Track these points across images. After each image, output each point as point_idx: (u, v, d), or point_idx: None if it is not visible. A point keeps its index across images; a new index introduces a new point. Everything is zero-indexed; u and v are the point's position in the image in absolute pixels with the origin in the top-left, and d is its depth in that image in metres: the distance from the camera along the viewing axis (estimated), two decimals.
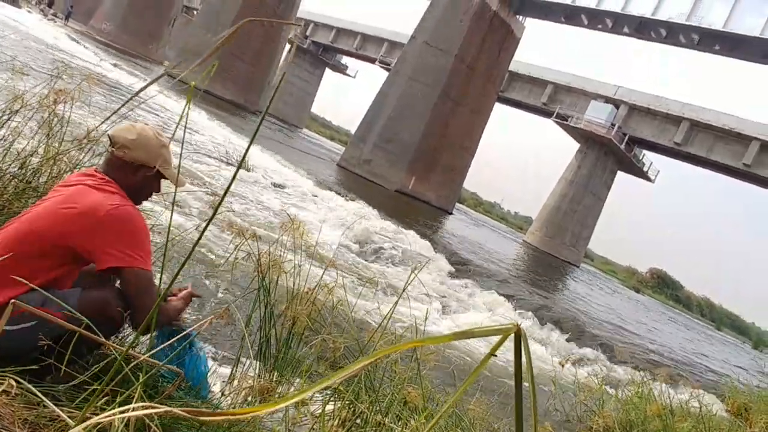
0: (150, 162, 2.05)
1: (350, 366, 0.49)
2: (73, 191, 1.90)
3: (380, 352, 0.50)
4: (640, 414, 4.68)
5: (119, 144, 2.01)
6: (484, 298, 9.97)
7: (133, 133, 2.03)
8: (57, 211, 1.84)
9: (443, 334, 0.50)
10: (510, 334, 0.45)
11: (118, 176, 2.00)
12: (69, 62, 17.96)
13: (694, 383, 8.95)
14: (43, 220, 1.83)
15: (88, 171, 2.06)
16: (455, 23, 25.88)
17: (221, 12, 36.07)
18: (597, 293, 22.97)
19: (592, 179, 37.30)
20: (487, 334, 0.46)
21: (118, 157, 2.00)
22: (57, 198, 1.89)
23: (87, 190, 1.90)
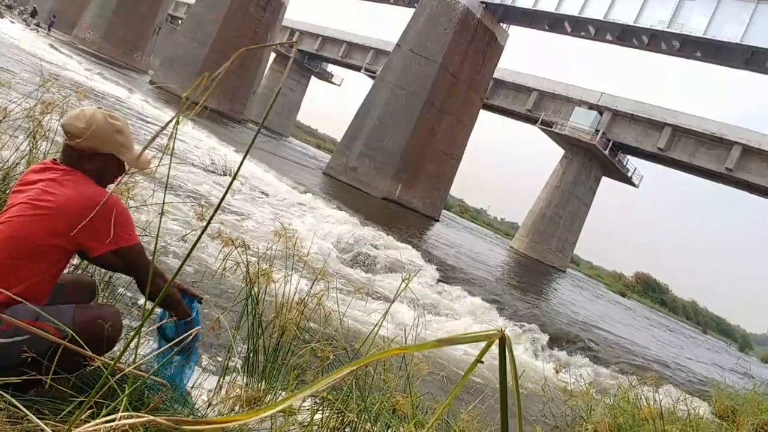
0: (103, 149, 1.98)
1: (334, 373, 0.48)
2: (41, 190, 1.83)
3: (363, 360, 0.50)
4: (629, 418, 4.70)
5: (70, 133, 1.93)
6: (471, 305, 9.98)
7: (83, 121, 1.93)
8: (31, 213, 1.80)
9: (427, 342, 0.50)
10: (495, 340, 0.45)
11: (74, 163, 1.93)
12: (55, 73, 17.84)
13: (681, 386, 9.01)
14: (22, 225, 1.79)
15: (46, 164, 1.96)
16: (439, 31, 26.01)
17: (205, 21, 36.03)
18: (583, 298, 23.09)
19: (577, 185, 37.56)
20: (471, 340, 0.46)
21: (71, 146, 1.93)
22: (27, 199, 1.83)
23: (53, 186, 1.85)
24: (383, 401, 2.85)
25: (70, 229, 1.79)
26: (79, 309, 1.89)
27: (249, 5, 36.48)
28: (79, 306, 1.91)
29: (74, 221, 1.79)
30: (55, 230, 1.80)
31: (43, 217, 1.80)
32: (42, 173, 1.91)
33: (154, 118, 18.10)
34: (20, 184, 1.95)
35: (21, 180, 1.98)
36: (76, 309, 1.88)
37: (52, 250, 1.83)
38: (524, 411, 5.38)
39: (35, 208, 1.80)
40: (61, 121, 2.02)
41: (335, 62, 56.07)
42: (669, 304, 69.20)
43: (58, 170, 1.91)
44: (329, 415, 2.66)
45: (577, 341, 9.97)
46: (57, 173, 1.89)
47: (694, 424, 4.87)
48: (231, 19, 35.84)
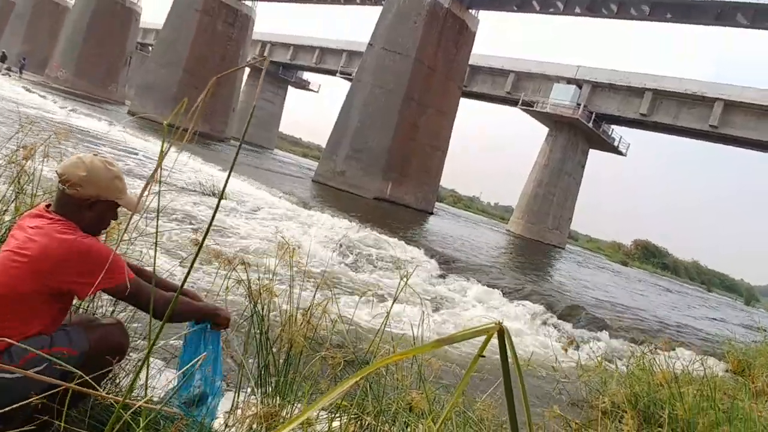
0: (104, 196, 1.98)
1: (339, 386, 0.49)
2: (27, 238, 1.84)
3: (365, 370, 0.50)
4: (645, 386, 4.72)
5: (70, 182, 1.92)
6: (475, 293, 10.00)
7: (83, 169, 1.93)
8: (15, 262, 1.81)
9: (426, 344, 0.51)
10: (494, 333, 0.46)
11: (71, 213, 1.94)
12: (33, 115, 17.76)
13: (693, 347, 9.04)
14: (9, 275, 1.80)
15: (39, 210, 1.97)
16: (410, 26, 26.02)
17: (175, 44, 35.93)
18: (585, 272, 23.16)
19: (566, 161, 37.64)
20: (470, 336, 0.46)
21: (70, 195, 1.93)
22: (13, 247, 1.84)
23: (38, 234, 1.85)
24: (398, 400, 2.86)
25: (51, 276, 1.81)
26: (90, 328, 1.99)
27: (216, 23, 36.41)
28: (88, 326, 2.00)
29: (53, 268, 1.81)
30: (37, 279, 1.81)
31: (23, 265, 1.81)
32: (33, 220, 1.92)
33: (140, 149, 18.05)
34: (15, 228, 1.97)
35: (17, 224, 1.99)
36: (87, 330, 1.97)
37: (43, 295, 1.84)
38: (539, 392, 5.40)
39: (18, 256, 1.82)
40: (57, 169, 1.98)
41: (310, 69, 55.99)
42: (671, 268, 69.44)
43: (47, 218, 1.90)
44: (347, 422, 2.67)
45: (585, 315, 10.01)
46: (45, 221, 1.89)
47: (711, 383, 4.90)
48: (200, 40, 35.77)
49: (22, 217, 2.02)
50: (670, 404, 4.14)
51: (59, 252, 1.81)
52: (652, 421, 4.26)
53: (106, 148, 15.79)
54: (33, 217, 1.94)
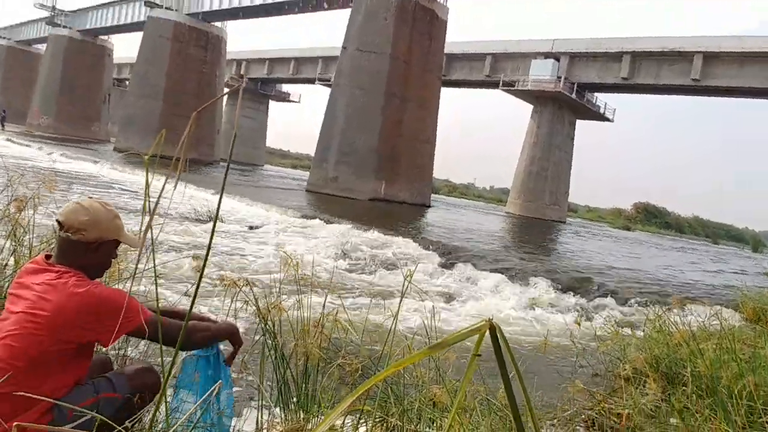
0: (107, 236, 2.01)
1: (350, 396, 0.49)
2: (38, 296, 1.85)
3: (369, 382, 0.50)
4: (663, 347, 4.72)
5: (74, 228, 1.94)
6: (483, 280, 9.99)
7: (84, 213, 1.96)
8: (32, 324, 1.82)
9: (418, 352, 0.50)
10: (485, 331, 0.46)
11: (76, 259, 1.95)
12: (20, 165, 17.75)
13: (706, 301, 9.05)
14: (29, 338, 1.81)
15: (39, 263, 1.97)
16: (380, 23, 26.00)
17: (151, 75, 35.91)
18: (588, 242, 23.17)
19: (554, 135, 37.64)
20: (461, 338, 0.46)
21: (75, 241, 1.94)
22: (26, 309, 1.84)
23: (49, 291, 1.86)
24: (420, 398, 2.86)
25: (72, 332, 1.84)
26: (127, 373, 2.16)
27: (189, 48, 36.40)
28: (124, 372, 2.18)
29: (74, 325, 1.83)
30: (59, 336, 1.83)
31: (42, 326, 1.82)
32: (36, 275, 1.92)
33: (132, 183, 18.03)
34: (17, 286, 1.95)
35: (17, 281, 1.98)
36: (126, 375, 2.14)
37: (69, 350, 1.87)
38: (560, 369, 5.40)
39: (34, 317, 1.82)
40: (58, 218, 1.98)
41: (288, 81, 55.99)
42: (674, 226, 69.42)
43: (53, 271, 1.92)
44: (372, 426, 2.67)
45: (595, 286, 10.01)
46: (51, 275, 1.90)
47: (729, 335, 4.90)
48: (175, 66, 35.76)
49: (21, 273, 2.01)
50: (691, 362, 4.15)
51: (77, 308, 1.83)
52: (676, 381, 4.26)
53: (97, 188, 15.78)
54: (35, 272, 1.94)
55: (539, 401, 3.73)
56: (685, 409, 3.75)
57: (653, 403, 3.95)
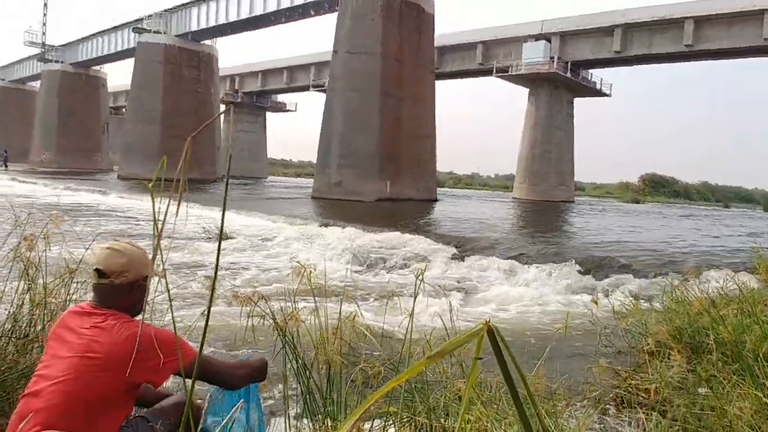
0: (144, 273, 2.07)
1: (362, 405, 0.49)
2: (90, 340, 1.90)
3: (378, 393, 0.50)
4: (684, 317, 4.70)
5: (115, 273, 1.99)
6: (497, 268, 9.97)
7: (120, 257, 2.01)
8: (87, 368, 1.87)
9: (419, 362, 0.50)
10: (483, 334, 0.45)
11: (120, 302, 2.00)
12: (26, 203, 17.88)
13: (722, 267, 9.00)
14: (84, 383, 1.85)
15: (83, 307, 2.03)
16: (368, 24, 25.98)
17: (147, 100, 36.08)
18: (599, 219, 23.08)
19: (553, 116, 37.50)
20: (460, 344, 0.46)
21: (119, 284, 2.00)
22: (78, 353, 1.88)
23: (100, 334, 1.91)
24: (445, 393, 2.86)
25: (127, 372, 1.89)
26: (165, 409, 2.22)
27: (181, 69, 36.54)
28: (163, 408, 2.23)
29: (127, 366, 1.88)
30: (114, 378, 1.89)
31: (97, 369, 1.87)
32: (81, 319, 1.97)
33: (140, 210, 18.12)
34: (62, 330, 1.99)
35: (61, 325, 2.02)
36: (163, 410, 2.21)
37: (121, 391, 1.92)
38: (582, 350, 5.37)
39: (89, 360, 1.87)
40: (96, 266, 2.02)
41: (283, 90, 56.07)
42: (683, 194, 69.01)
43: (99, 315, 1.97)
44: (400, 427, 2.67)
45: (609, 262, 9.97)
46: (98, 318, 1.96)
47: (749, 299, 4.87)
48: (170, 89, 35.90)
49: (65, 318, 2.05)
50: (713, 330, 4.12)
51: (130, 349, 1.87)
52: (700, 350, 4.24)
53: (105, 218, 15.87)
54: (80, 316, 1.99)
55: (565, 384, 3.72)
56: (712, 377, 3.73)
57: (680, 374, 3.93)
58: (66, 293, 3.55)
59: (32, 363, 3.04)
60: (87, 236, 9.90)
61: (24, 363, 3.04)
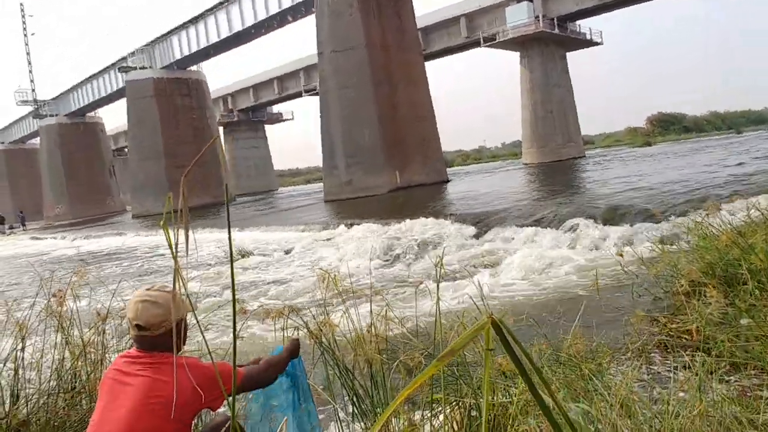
0: (181, 315, 2.11)
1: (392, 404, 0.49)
2: (150, 379, 1.95)
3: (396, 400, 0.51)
4: (713, 252, 4.65)
5: (155, 325, 2.01)
6: (519, 238, 9.94)
7: (156, 308, 2.02)
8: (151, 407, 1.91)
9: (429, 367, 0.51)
10: (488, 326, 0.46)
11: (162, 345, 2.03)
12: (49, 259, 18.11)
13: (743, 195, 8.87)
14: (147, 421, 1.91)
15: (131, 354, 2.06)
16: (347, 18, 25.90)
17: (146, 135, 36.35)
18: (611, 169, 22.88)
19: (549, 75, 37.14)
20: (467, 340, 0.46)
21: (160, 333, 2.02)
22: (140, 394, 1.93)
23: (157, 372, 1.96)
24: None
25: (191, 406, 1.97)
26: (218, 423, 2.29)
27: (174, 99, 36.71)
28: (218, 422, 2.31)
29: (192, 400, 1.95)
30: (179, 415, 1.93)
31: (164, 407, 1.91)
32: (133, 365, 2.01)
33: (158, 245, 18.28)
34: (115, 376, 2.03)
35: (113, 372, 2.06)
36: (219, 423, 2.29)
37: (185, 425, 1.99)
38: (617, 304, 5.34)
39: (153, 399, 1.92)
40: (136, 322, 2.04)
41: (276, 101, 56.08)
42: (693, 128, 68.17)
43: (148, 358, 2.01)
44: (450, 411, 2.69)
45: (629, 212, 9.89)
46: (149, 362, 2.00)
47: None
48: (166, 121, 36.11)
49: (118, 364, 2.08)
50: (744, 260, 4.08)
51: (192, 385, 1.93)
52: (734, 282, 4.19)
53: (130, 259, 16.04)
54: (130, 363, 2.03)
55: (605, 340, 3.71)
56: (751, 307, 3.70)
57: (719, 310, 3.90)
58: (102, 340, 3.60)
59: (83, 415, 3.11)
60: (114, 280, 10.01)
61: (75, 416, 3.10)
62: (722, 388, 2.84)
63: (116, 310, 4.01)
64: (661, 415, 2.48)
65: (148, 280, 10.92)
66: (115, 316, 3.98)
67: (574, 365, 2.98)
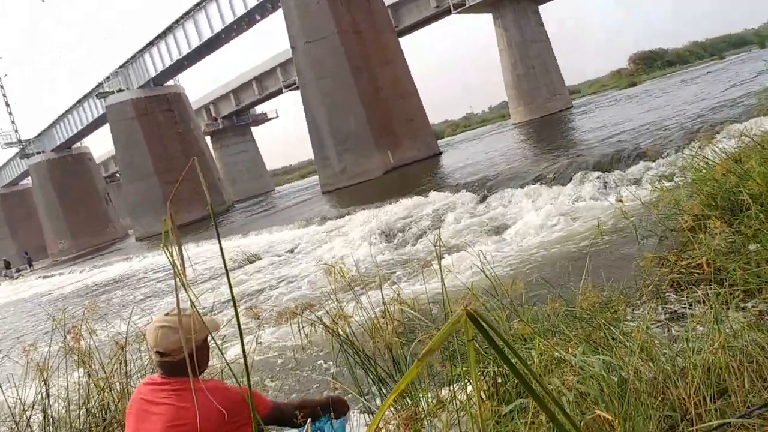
0: (203, 337, 2.09)
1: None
2: (175, 407, 1.94)
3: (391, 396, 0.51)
4: (711, 183, 4.64)
5: (175, 350, 1.99)
6: (520, 198, 9.93)
7: (174, 333, 2.00)
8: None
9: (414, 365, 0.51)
10: (464, 318, 0.46)
11: (185, 370, 1.99)
12: (59, 296, 18.16)
13: (733, 121, 8.83)
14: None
15: (155, 380, 2.05)
16: (315, 8, 25.68)
17: (135, 157, 36.24)
18: (598, 116, 22.80)
19: (524, 31, 36.85)
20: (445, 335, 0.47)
21: (182, 358, 1.98)
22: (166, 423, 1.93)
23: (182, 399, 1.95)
24: (508, 337, 2.88)
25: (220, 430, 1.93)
26: None
27: (156, 117, 36.51)
28: None
29: (219, 423, 1.92)
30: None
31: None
32: (158, 391, 2.00)
33: (164, 264, 18.31)
34: (143, 404, 2.02)
35: (139, 399, 2.05)
36: None
37: None
38: (625, 251, 5.34)
39: (179, 427, 1.92)
40: (156, 349, 2.02)
41: (258, 102, 55.77)
42: (676, 61, 67.70)
43: (173, 384, 1.99)
44: (478, 382, 2.70)
45: (623, 156, 9.85)
46: (174, 387, 1.98)
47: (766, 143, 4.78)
48: (152, 139, 35.95)
49: (138, 395, 2.08)
50: (743, 186, 4.07)
51: (218, 409, 1.91)
52: (737, 209, 4.19)
53: (140, 283, 16.08)
54: (155, 390, 2.02)
55: (618, 288, 3.72)
56: (757, 232, 3.70)
57: (726, 240, 3.90)
58: (125, 369, 3.62)
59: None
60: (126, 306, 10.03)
61: None
62: (739, 317, 2.85)
63: (133, 336, 4.03)
64: (683, 353, 2.49)
65: (160, 302, 10.97)
66: (133, 342, 4.01)
67: (591, 318, 2.99)
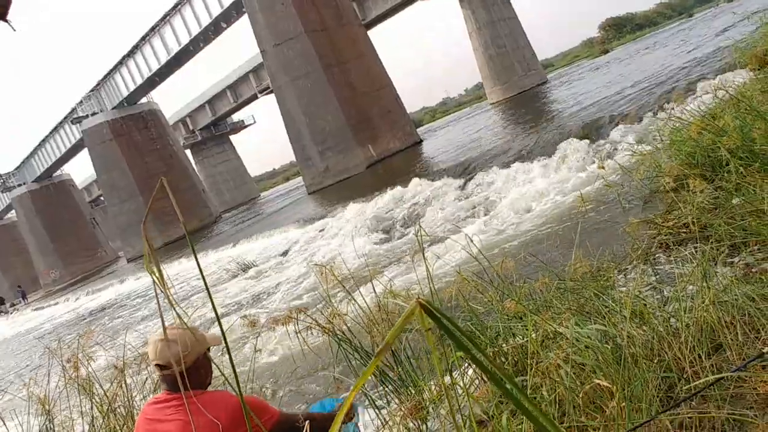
0: (203, 350, 2.08)
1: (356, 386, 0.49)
2: (182, 422, 1.93)
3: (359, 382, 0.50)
4: (691, 144, 4.66)
5: (176, 362, 1.98)
6: (503, 179, 9.95)
7: (175, 344, 1.99)
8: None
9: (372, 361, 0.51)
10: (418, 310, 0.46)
11: (193, 382, 2.00)
12: (54, 326, 18.04)
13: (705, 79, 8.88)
14: None
15: (160, 398, 2.05)
16: (281, 10, 25.53)
17: (117, 178, 36.00)
18: (573, 87, 22.85)
19: (491, 11, 36.87)
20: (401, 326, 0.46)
21: (183, 371, 1.97)
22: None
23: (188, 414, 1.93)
24: (500, 318, 2.89)
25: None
26: None
27: (133, 135, 36.25)
28: None
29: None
30: None
31: None
32: (165, 409, 2.00)
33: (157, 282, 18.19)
34: (151, 422, 2.02)
35: (146, 418, 2.04)
36: None
37: None
38: (611, 218, 5.37)
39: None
40: (157, 362, 2.02)
41: (234, 110, 55.49)
42: (646, 24, 68.04)
43: (179, 399, 1.98)
44: (439, 368, 2.70)
45: (600, 124, 9.88)
46: (180, 402, 1.97)
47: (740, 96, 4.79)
48: (132, 159, 35.71)
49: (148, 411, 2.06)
50: (720, 142, 4.10)
51: (228, 420, 1.92)
52: (716, 166, 4.22)
53: (135, 303, 16.01)
54: (161, 408, 2.01)
55: (608, 256, 3.73)
56: (738, 186, 3.72)
57: (709, 197, 3.92)
58: (127, 393, 3.61)
59: None
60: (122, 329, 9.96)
61: None
62: (727, 272, 2.87)
63: (131, 359, 4.01)
64: (676, 314, 2.51)
65: (158, 321, 10.91)
66: (132, 365, 3.99)
67: (582, 289, 3.00)
